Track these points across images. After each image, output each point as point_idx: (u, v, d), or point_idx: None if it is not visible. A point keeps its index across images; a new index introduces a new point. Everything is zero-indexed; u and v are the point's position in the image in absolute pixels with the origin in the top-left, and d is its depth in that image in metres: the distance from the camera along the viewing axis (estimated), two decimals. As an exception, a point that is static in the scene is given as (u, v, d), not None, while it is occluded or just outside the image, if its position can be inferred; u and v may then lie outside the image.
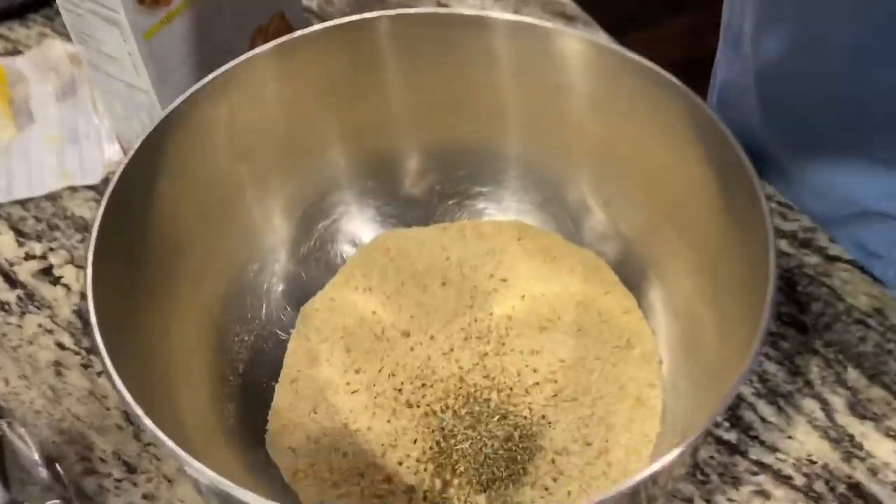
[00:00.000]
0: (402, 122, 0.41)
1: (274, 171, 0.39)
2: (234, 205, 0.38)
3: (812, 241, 0.45)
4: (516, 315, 0.40)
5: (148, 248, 0.33)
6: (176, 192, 0.35)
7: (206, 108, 0.36)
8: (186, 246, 0.36)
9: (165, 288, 0.34)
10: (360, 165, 0.42)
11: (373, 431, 0.37)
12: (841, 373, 0.41)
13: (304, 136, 0.39)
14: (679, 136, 0.34)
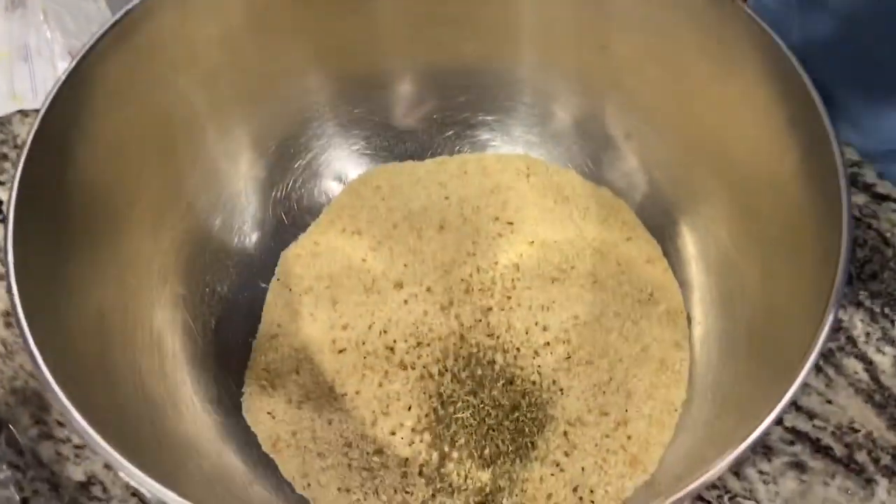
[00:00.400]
0: (392, 39, 0.36)
1: (240, 98, 0.34)
2: (194, 138, 0.33)
3: (858, 177, 0.40)
4: (524, 264, 0.36)
5: (87, 190, 0.28)
6: (125, 119, 0.30)
7: (161, 19, 0.30)
8: (140, 184, 0.31)
9: (114, 237, 0.29)
10: (344, 91, 0.36)
11: (362, 396, 0.33)
12: (888, 328, 0.36)
13: (277, 56, 0.34)
14: (726, 55, 0.29)
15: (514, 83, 0.36)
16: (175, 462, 0.27)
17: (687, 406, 0.32)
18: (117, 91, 0.29)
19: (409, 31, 0.35)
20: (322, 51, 0.34)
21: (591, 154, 0.37)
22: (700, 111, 0.32)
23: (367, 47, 0.35)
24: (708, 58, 0.30)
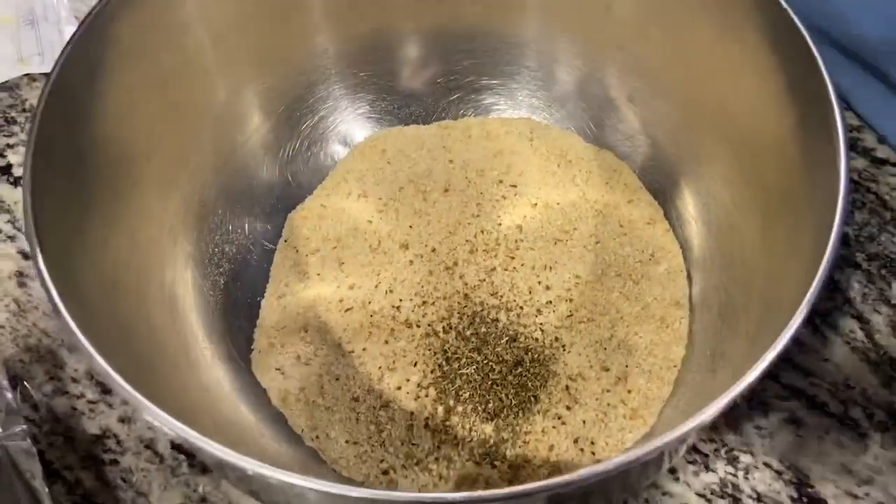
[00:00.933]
0: (398, 2, 0.35)
1: (249, 59, 0.34)
2: (202, 99, 0.33)
3: (858, 141, 0.41)
4: (527, 225, 0.36)
5: (101, 150, 0.29)
6: (135, 79, 0.30)
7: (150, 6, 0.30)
8: (150, 144, 0.32)
9: (127, 196, 0.30)
10: (351, 53, 0.37)
11: (368, 353, 0.34)
12: (884, 289, 0.37)
13: (285, 18, 0.34)
14: (728, 15, 0.29)
15: (518, 47, 0.37)
16: (191, 413, 0.28)
17: (686, 362, 0.33)
18: (127, 51, 0.30)
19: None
20: (329, 13, 0.34)
21: (593, 117, 0.37)
22: (702, 73, 0.32)
23: (373, 10, 0.35)
24: (710, 19, 0.30)
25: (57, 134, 0.26)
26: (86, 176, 0.28)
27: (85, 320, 0.23)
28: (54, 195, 0.25)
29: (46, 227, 0.24)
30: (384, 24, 0.36)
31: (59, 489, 0.33)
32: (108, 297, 0.28)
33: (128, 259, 0.30)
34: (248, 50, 0.34)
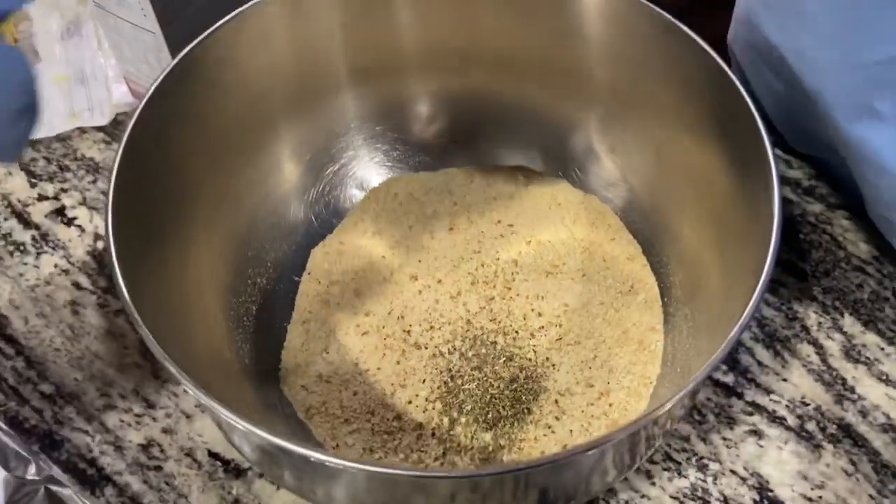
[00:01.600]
0: (411, 67, 0.41)
1: (284, 115, 0.39)
2: (244, 149, 0.38)
3: (815, 189, 0.46)
4: (522, 260, 0.41)
5: (162, 192, 0.34)
6: (188, 136, 0.36)
7: (218, 52, 0.36)
8: (198, 189, 0.37)
9: (180, 231, 0.35)
10: (370, 110, 0.42)
11: (382, 371, 0.39)
12: (837, 319, 0.42)
13: (315, 80, 0.39)
14: (688, 83, 0.34)
15: (513, 105, 0.42)
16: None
17: (660, 379, 0.37)
18: (183, 113, 0.35)
19: (426, 59, 0.41)
20: (352, 76, 0.40)
21: (580, 166, 0.42)
22: (670, 129, 0.37)
23: (389, 73, 0.40)
24: (671, 84, 0.35)
25: (128, 186, 0.32)
26: (148, 219, 0.33)
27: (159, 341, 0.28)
28: (127, 227, 0.30)
29: (122, 254, 0.29)
30: (398, 85, 0.41)
31: (110, 491, 0.38)
32: (165, 320, 0.32)
33: (178, 288, 0.35)
34: (281, 109, 0.39)
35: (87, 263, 0.45)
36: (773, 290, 0.42)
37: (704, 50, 0.33)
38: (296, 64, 0.39)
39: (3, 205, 0.48)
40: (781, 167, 0.47)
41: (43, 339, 0.42)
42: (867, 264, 0.43)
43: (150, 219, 0.33)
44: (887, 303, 0.42)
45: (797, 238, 0.44)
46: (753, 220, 0.31)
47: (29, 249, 0.46)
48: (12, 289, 0.44)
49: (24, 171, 0.49)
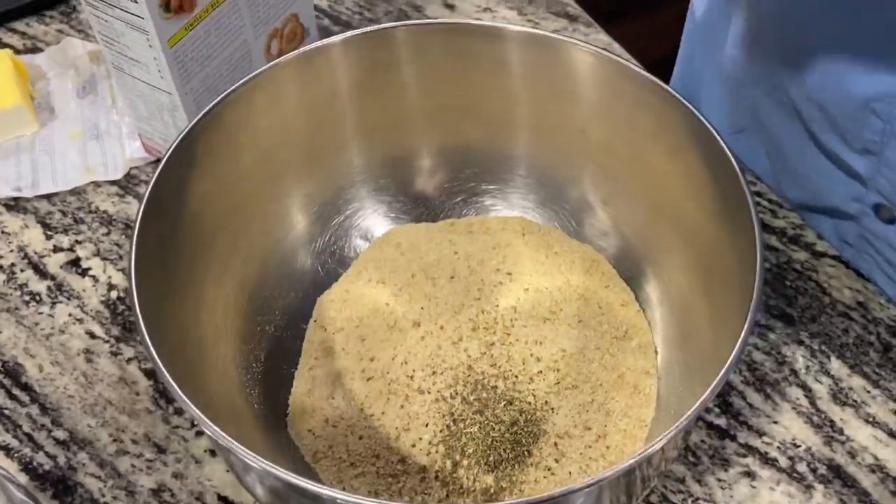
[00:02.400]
0: (414, 124, 0.43)
1: (294, 169, 0.41)
2: (255, 202, 0.40)
3: (800, 237, 0.48)
4: (521, 307, 0.42)
5: (180, 244, 0.36)
6: (205, 190, 0.38)
7: (233, 112, 0.38)
8: (213, 241, 0.39)
9: (196, 282, 0.37)
10: (374, 164, 0.44)
11: (387, 416, 0.40)
12: (824, 363, 0.43)
13: (323, 137, 0.42)
14: (675, 140, 0.37)
15: (511, 159, 0.44)
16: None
17: (655, 422, 0.38)
18: (201, 169, 0.37)
19: (428, 117, 0.43)
20: (358, 133, 0.42)
21: (574, 216, 0.44)
22: (658, 182, 0.39)
23: (394, 130, 0.43)
24: (660, 141, 0.37)
25: (150, 237, 0.33)
26: (167, 265, 0.35)
27: (177, 380, 0.29)
28: (147, 286, 0.32)
29: (145, 308, 0.31)
30: (402, 141, 0.44)
31: (122, 534, 0.39)
32: (184, 366, 0.34)
33: (195, 335, 0.37)
34: (292, 164, 0.41)
35: (101, 313, 0.47)
36: (762, 335, 0.44)
37: (689, 110, 0.35)
38: (306, 122, 0.41)
39: (19, 256, 0.49)
40: (767, 217, 0.49)
41: (57, 386, 0.44)
42: (852, 310, 0.45)
43: (168, 270, 0.35)
44: (872, 347, 0.44)
45: (784, 285, 0.46)
46: (738, 267, 0.32)
47: (44, 299, 0.47)
48: (27, 337, 0.46)
49: (40, 223, 0.51)
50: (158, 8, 0.42)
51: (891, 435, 0.41)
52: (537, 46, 0.38)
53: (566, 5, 0.63)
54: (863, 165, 0.44)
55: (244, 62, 0.50)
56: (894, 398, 0.42)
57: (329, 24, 0.62)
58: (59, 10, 0.64)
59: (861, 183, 0.45)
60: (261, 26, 0.50)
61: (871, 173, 0.44)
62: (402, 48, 0.39)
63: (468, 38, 0.39)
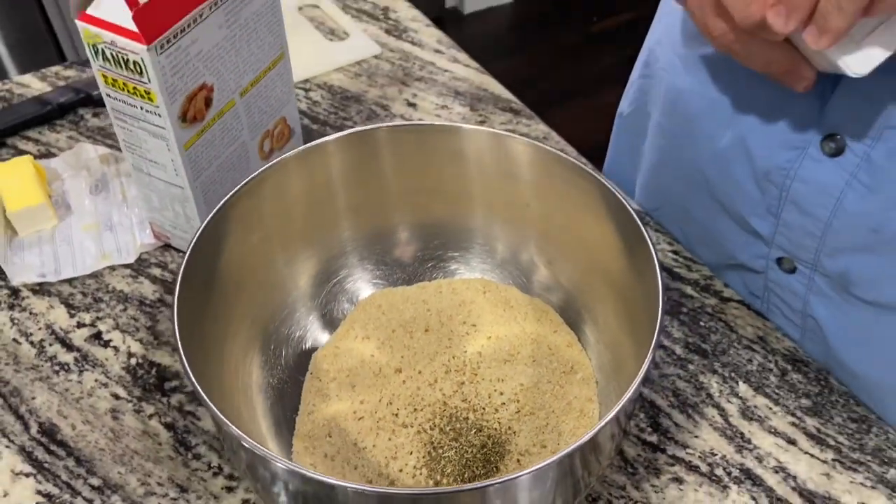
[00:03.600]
0: (392, 204, 0.53)
1: (298, 240, 0.50)
2: (269, 266, 0.49)
3: (710, 286, 0.58)
4: (485, 352, 0.51)
5: (209, 301, 0.44)
6: (222, 263, 0.46)
7: (241, 203, 0.47)
8: (230, 307, 0.47)
9: (219, 327, 0.45)
10: (360, 237, 0.53)
11: (377, 448, 0.48)
12: (734, 387, 0.53)
13: (320, 216, 0.51)
14: (598, 211, 0.47)
15: (471, 231, 0.54)
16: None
17: (598, 439, 0.47)
18: (225, 243, 0.46)
19: (402, 198, 0.52)
20: (348, 211, 0.51)
21: (525, 275, 0.54)
22: (589, 245, 0.49)
23: (375, 208, 0.52)
24: (588, 212, 0.47)
25: (187, 298, 0.42)
26: (200, 316, 0.43)
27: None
28: (186, 332, 0.40)
29: (187, 351, 0.39)
30: (381, 218, 0.53)
31: (154, 561, 0.45)
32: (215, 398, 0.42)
33: (221, 382, 0.44)
34: (298, 235, 0.50)
35: (123, 377, 0.54)
36: (682, 367, 0.54)
37: (607, 187, 0.45)
38: (305, 205, 0.50)
39: (47, 332, 0.57)
40: (683, 271, 0.59)
41: (89, 441, 0.51)
42: (754, 343, 0.55)
43: (195, 335, 0.42)
44: (771, 372, 0.53)
45: (699, 325, 0.56)
46: (652, 314, 0.42)
47: (72, 368, 0.55)
48: (60, 401, 0.53)
49: (63, 304, 0.58)
50: (178, 120, 0.51)
51: (790, 442, 0.50)
52: (488, 140, 0.49)
53: (510, 102, 0.74)
54: (765, 227, 0.54)
55: (242, 159, 0.59)
56: (791, 413, 0.51)
57: (309, 124, 0.72)
58: (68, 119, 0.73)
59: (764, 242, 0.55)
60: (256, 129, 0.60)
61: (772, 233, 0.54)
62: (382, 143, 0.49)
63: (434, 134, 0.49)
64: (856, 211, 0.47)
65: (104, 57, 0.49)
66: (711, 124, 0.54)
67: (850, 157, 0.46)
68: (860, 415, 0.51)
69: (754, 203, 0.53)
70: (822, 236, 0.50)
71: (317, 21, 0.84)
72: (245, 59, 0.55)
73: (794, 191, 0.50)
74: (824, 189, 0.48)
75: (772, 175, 0.51)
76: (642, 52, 0.64)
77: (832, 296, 0.52)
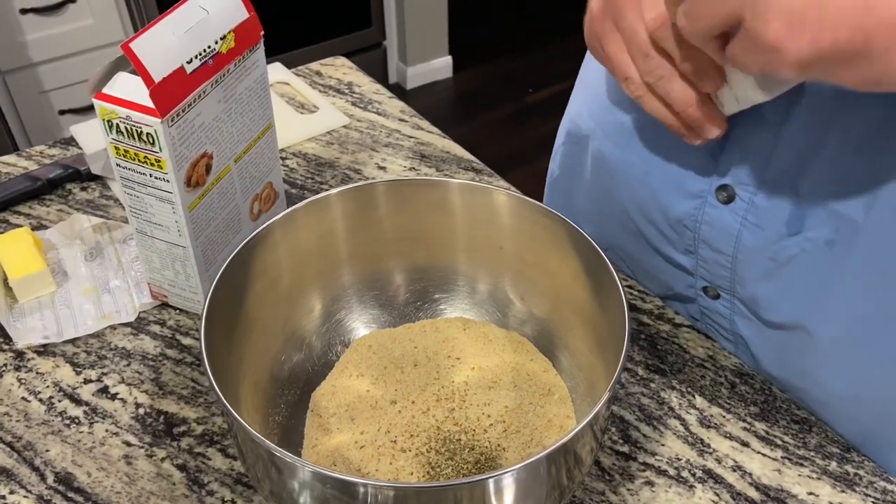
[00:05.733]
0: (385, 251, 0.59)
1: (305, 283, 0.56)
2: (267, 314, 0.54)
3: (664, 314, 0.65)
4: (470, 381, 0.57)
5: (229, 338, 0.49)
6: (231, 310, 0.51)
7: (248, 255, 0.53)
8: (239, 351, 0.52)
9: (233, 362, 0.49)
10: (357, 281, 0.59)
11: (380, 472, 0.52)
12: (691, 400, 0.59)
13: (323, 260, 0.56)
14: (566, 249, 0.53)
15: (453, 274, 0.60)
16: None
17: (578, 450, 0.53)
18: (227, 295, 0.51)
19: (393, 245, 0.59)
20: (348, 259, 0.57)
21: (501, 310, 0.60)
22: (559, 279, 0.56)
23: (371, 257, 0.58)
24: (557, 250, 0.54)
25: (213, 341, 0.46)
26: (221, 350, 0.48)
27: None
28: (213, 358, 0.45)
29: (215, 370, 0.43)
30: (377, 264, 0.59)
31: (178, 590, 0.48)
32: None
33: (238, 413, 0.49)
34: (305, 279, 0.56)
35: (133, 426, 0.58)
36: (645, 385, 0.60)
37: (573, 227, 0.52)
38: (308, 254, 0.56)
39: (55, 390, 0.60)
40: (639, 302, 0.66)
41: (105, 486, 0.54)
42: (705, 362, 0.62)
43: (225, 380, 0.47)
44: (722, 385, 0.60)
45: (657, 348, 0.63)
46: (618, 336, 0.48)
47: (83, 421, 0.58)
48: (73, 452, 0.56)
49: (68, 363, 0.62)
50: (183, 185, 0.57)
51: (743, 444, 0.56)
52: (471, 191, 0.56)
53: (472, 162, 0.82)
54: (688, 262, 0.62)
55: (235, 220, 0.65)
56: (742, 419, 0.58)
57: (288, 188, 0.78)
58: (57, 193, 0.77)
59: (690, 274, 0.63)
60: (247, 192, 0.65)
61: (694, 267, 0.62)
62: (378, 196, 0.56)
63: (424, 187, 0.56)
64: (752, 246, 0.55)
65: (118, 130, 0.54)
66: (631, 180, 0.63)
67: (740, 203, 0.55)
68: (801, 417, 0.58)
69: (675, 243, 0.62)
70: (732, 267, 0.58)
71: (287, 96, 0.91)
72: (239, 129, 0.62)
73: (702, 232, 0.58)
74: (725, 230, 0.56)
75: (684, 220, 0.59)
76: (564, 121, 0.73)
77: (751, 317, 0.59)
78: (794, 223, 0.52)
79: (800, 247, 0.53)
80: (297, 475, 0.42)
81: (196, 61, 0.55)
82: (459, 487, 0.40)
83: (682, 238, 0.60)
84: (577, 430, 0.42)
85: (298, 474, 0.41)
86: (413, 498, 0.41)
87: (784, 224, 0.53)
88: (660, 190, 0.60)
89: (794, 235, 0.53)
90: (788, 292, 0.55)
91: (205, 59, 0.55)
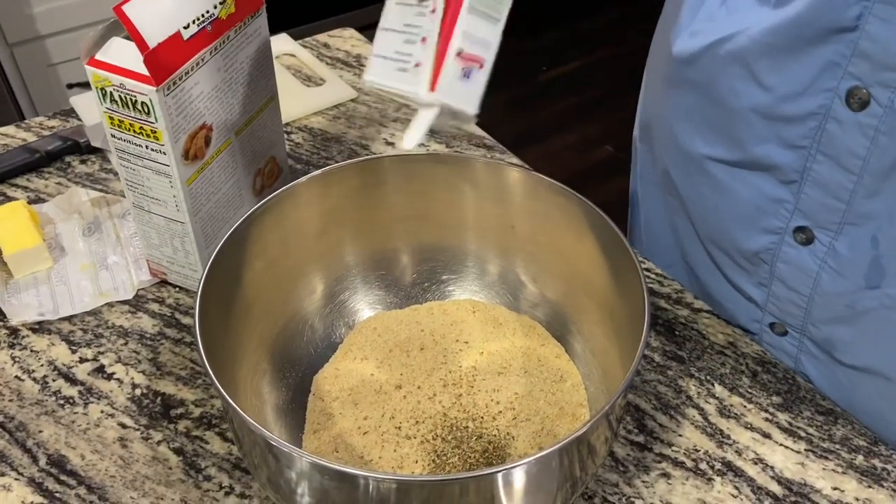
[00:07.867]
0: (392, 230, 0.56)
1: (307, 263, 0.53)
2: (272, 293, 0.52)
3: (682, 299, 0.63)
4: (479, 366, 0.54)
5: (217, 333, 0.46)
6: (231, 288, 0.49)
7: (248, 231, 0.50)
8: (237, 332, 0.49)
9: (228, 368, 0.47)
10: (361, 261, 0.57)
11: (384, 459, 0.50)
12: (710, 388, 0.57)
13: (326, 240, 0.54)
14: (579, 228, 0.51)
15: (462, 254, 0.57)
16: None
17: (591, 439, 0.50)
18: (224, 273, 0.48)
19: (400, 224, 0.56)
20: (354, 237, 0.55)
21: (512, 293, 0.57)
22: (573, 260, 0.53)
23: (377, 235, 0.56)
24: (571, 230, 0.51)
25: (206, 324, 0.44)
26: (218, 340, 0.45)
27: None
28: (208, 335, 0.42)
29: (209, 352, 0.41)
30: (383, 243, 0.56)
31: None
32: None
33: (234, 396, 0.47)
34: (308, 258, 0.53)
35: (129, 407, 0.56)
36: (662, 373, 0.57)
37: (589, 205, 0.49)
38: (311, 232, 0.53)
39: (50, 369, 0.58)
40: (656, 286, 0.63)
41: (99, 469, 0.52)
42: (725, 349, 0.59)
43: (221, 362, 0.45)
44: (743, 374, 0.58)
45: (674, 334, 0.60)
46: (635, 321, 0.45)
47: (77, 401, 0.56)
48: (67, 433, 0.54)
49: (64, 341, 0.60)
50: (181, 157, 0.54)
51: (765, 436, 0.54)
52: (483, 167, 0.53)
53: (483, 138, 0.79)
54: (759, 295, 0.60)
55: (237, 196, 0.62)
56: (764, 409, 0.55)
57: (293, 164, 0.75)
58: (56, 166, 0.75)
59: (759, 308, 0.61)
60: (249, 167, 0.63)
61: (764, 302, 0.60)
62: (386, 171, 0.53)
63: (434, 163, 0.53)
64: (831, 291, 0.54)
65: (111, 99, 0.52)
66: (699, 209, 0.61)
67: (820, 247, 0.53)
68: (826, 408, 0.55)
69: (749, 275, 0.60)
70: (807, 308, 0.56)
71: (293, 68, 0.88)
72: (240, 100, 0.59)
73: (778, 269, 0.57)
74: (804, 270, 0.55)
75: (761, 254, 0.58)
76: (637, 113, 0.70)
77: (820, 357, 0.58)
78: (874, 277, 0.51)
79: (879, 301, 0.52)
80: (295, 465, 0.39)
81: (193, 27, 0.52)
82: (466, 481, 0.38)
83: (757, 269, 0.59)
84: (593, 420, 0.39)
85: (296, 464, 0.39)
86: (416, 490, 0.38)
87: (863, 276, 0.52)
88: (731, 223, 0.59)
89: (874, 289, 0.52)
90: (864, 339, 0.54)
91: (203, 25, 0.53)
